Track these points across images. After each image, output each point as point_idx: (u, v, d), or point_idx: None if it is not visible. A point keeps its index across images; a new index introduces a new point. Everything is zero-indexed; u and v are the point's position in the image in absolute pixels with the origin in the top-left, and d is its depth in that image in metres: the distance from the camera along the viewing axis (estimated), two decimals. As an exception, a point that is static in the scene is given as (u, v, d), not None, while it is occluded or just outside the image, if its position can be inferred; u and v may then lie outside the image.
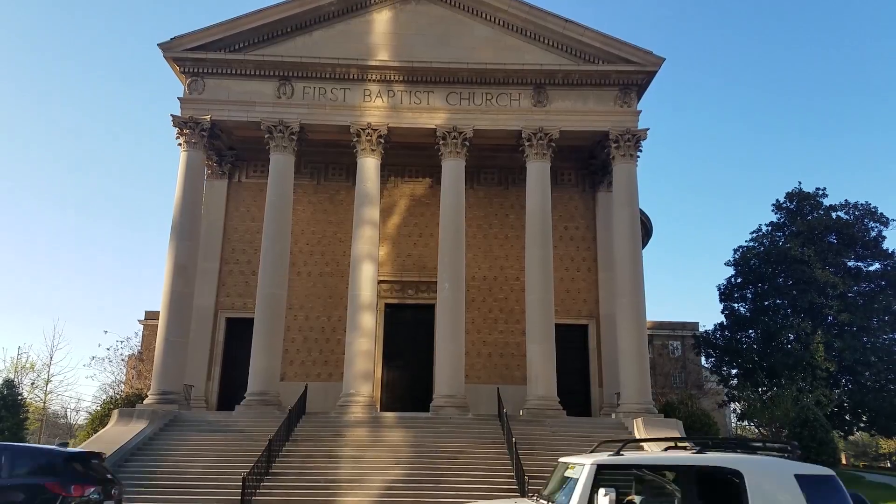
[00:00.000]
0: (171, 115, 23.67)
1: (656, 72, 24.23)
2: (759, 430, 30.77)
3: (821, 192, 37.34)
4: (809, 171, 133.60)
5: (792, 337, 32.60)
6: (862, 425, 35.16)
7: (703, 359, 40.28)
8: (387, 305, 25.92)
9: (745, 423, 36.27)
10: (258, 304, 22.64)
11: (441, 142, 23.83)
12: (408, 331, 25.87)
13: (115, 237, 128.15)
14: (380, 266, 24.45)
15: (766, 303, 35.29)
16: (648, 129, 24.04)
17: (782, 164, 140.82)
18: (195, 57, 23.84)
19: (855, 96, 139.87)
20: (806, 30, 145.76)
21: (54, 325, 62.28)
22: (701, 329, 40.51)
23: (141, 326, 41.83)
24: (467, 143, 23.89)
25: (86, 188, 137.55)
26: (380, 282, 24.42)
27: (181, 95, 24.09)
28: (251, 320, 22.80)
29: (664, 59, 24.09)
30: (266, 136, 23.73)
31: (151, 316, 38.97)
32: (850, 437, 44.86)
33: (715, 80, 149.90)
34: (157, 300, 23.04)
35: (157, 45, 23.73)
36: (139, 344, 39.88)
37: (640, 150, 24.10)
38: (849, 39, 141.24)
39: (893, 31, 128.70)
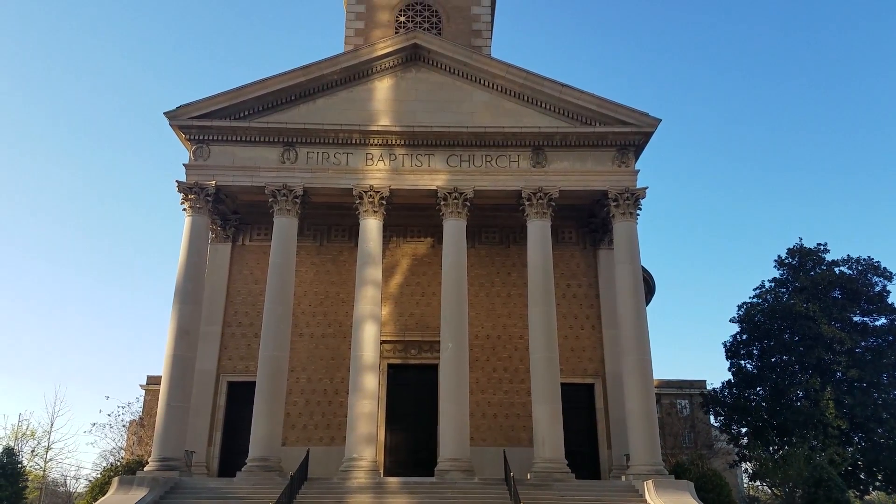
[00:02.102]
0: (177, 181, 24.11)
1: (652, 132, 24.74)
2: (772, 490, 29.96)
3: (822, 248, 37.39)
4: (808, 226, 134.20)
5: (801, 394, 32.07)
6: (878, 484, 34.19)
7: (711, 417, 39.58)
8: (389, 366, 25.75)
9: (758, 483, 35.34)
10: (260, 367, 22.53)
11: (442, 202, 24.19)
12: (411, 392, 25.60)
13: (117, 301, 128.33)
14: (382, 326, 24.40)
15: (773, 359, 34.87)
16: (647, 187, 24.39)
17: (781, 219, 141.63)
18: (200, 125, 24.50)
19: (853, 153, 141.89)
20: (804, 83, 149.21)
21: (56, 392, 61.88)
22: (709, 387, 39.94)
23: (143, 391, 41.48)
24: (468, 204, 24.23)
25: (88, 252, 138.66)
26: (382, 342, 24.33)
27: (186, 162, 24.63)
28: (253, 384, 22.65)
29: (660, 121, 24.64)
30: (270, 199, 24.13)
31: (153, 380, 38.68)
32: (867, 497, 43.46)
33: (715, 137, 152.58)
34: (160, 364, 22.93)
35: (164, 113, 24.42)
36: (141, 409, 39.45)
37: (640, 209, 24.39)
38: (850, 91, 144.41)
39: (890, 91, 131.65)
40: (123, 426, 39.08)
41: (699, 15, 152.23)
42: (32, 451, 36.40)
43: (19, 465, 25.92)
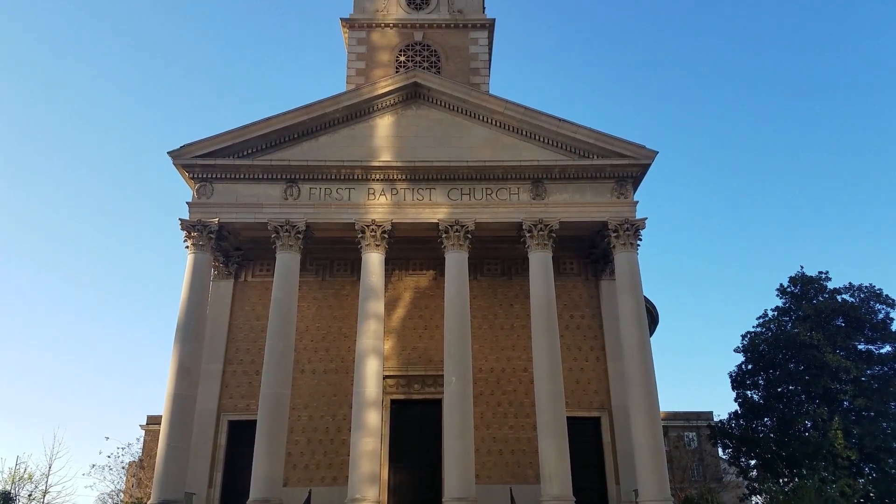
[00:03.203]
0: (180, 220, 24.21)
1: (650, 164, 24.96)
2: (784, 524, 29.33)
3: (824, 276, 37.47)
4: (809, 253, 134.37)
5: (809, 424, 31.73)
6: (892, 516, 33.57)
7: (719, 450, 39.05)
8: (392, 402, 25.45)
9: (770, 517, 34.65)
10: (261, 405, 22.25)
11: (444, 235, 24.28)
12: (415, 428, 25.25)
13: (118, 341, 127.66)
14: (385, 360, 24.20)
15: (779, 389, 34.60)
16: (646, 218, 24.47)
17: (781, 246, 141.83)
18: (204, 163, 24.72)
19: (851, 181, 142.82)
20: (804, 108, 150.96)
21: (54, 434, 60.51)
22: (716, 418, 39.55)
23: (143, 432, 41.03)
24: (469, 236, 24.32)
25: (87, 291, 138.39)
26: (385, 377, 24.09)
27: (189, 200, 24.76)
28: (254, 422, 22.32)
29: (657, 153, 24.88)
30: (273, 235, 24.21)
31: (153, 420, 38.35)
32: (882, 531, 42.61)
33: (714, 165, 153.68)
34: (160, 404, 22.70)
35: (168, 153, 24.63)
36: (140, 450, 38.93)
37: (640, 239, 24.46)
38: (849, 116, 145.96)
39: (889, 116, 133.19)
40: (123, 468, 38.51)
41: (696, 42, 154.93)
42: (30, 496, 35.67)
43: (16, 510, 25.44)
